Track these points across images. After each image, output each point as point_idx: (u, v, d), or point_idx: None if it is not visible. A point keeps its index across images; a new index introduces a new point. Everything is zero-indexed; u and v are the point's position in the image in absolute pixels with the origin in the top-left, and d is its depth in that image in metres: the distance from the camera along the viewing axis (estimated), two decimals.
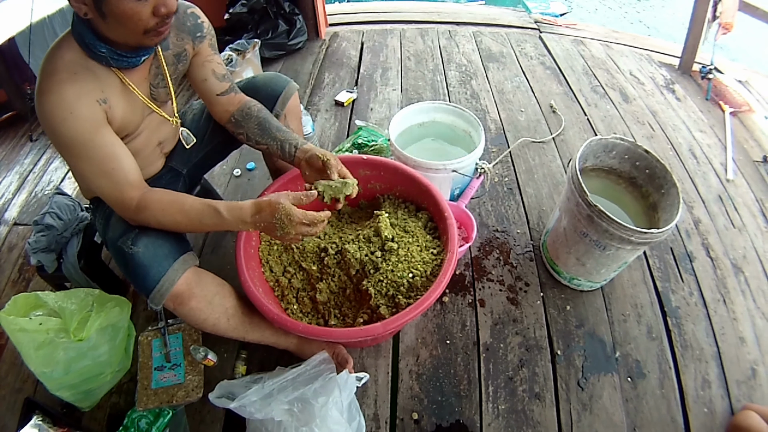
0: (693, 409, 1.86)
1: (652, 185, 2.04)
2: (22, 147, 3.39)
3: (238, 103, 1.82)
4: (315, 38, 4.31)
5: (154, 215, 1.46)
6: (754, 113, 3.42)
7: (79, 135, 1.33)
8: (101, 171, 1.40)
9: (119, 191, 1.43)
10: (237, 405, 1.55)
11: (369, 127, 3.04)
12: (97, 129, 1.37)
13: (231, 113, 1.81)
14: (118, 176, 1.42)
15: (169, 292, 1.46)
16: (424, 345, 2.03)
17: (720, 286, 2.27)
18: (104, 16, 1.23)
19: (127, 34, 1.30)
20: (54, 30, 3.37)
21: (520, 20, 4.82)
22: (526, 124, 3.26)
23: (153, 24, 1.28)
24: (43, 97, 1.29)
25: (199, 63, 1.71)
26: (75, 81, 1.31)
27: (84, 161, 1.38)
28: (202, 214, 1.48)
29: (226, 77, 1.79)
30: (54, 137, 1.34)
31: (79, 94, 1.31)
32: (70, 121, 1.30)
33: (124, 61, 1.40)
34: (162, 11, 1.26)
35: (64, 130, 1.31)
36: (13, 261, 2.52)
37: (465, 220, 2.25)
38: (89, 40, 1.31)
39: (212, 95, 1.77)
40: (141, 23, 1.26)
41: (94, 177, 1.41)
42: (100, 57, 1.35)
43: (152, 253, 1.47)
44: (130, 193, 1.44)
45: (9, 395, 1.97)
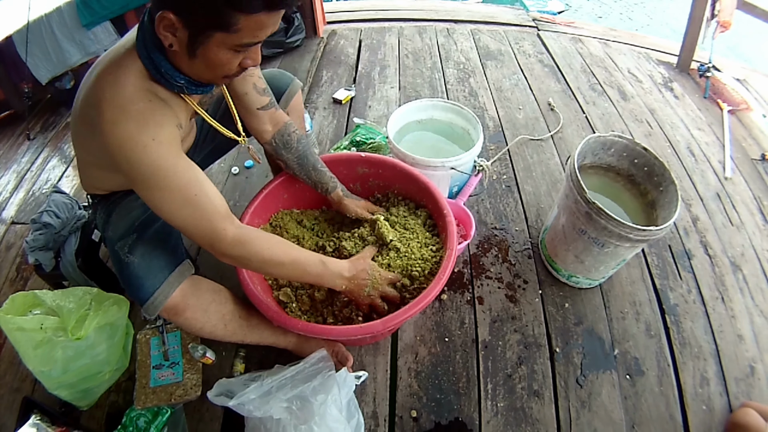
0: (691, 406, 1.86)
1: (650, 183, 2.04)
2: (20, 146, 3.38)
3: (277, 122, 1.81)
4: (313, 36, 4.30)
5: (256, 252, 1.42)
6: (752, 111, 3.42)
7: (163, 162, 1.25)
8: (185, 199, 1.31)
9: (208, 220, 1.34)
10: (236, 403, 1.55)
11: (367, 125, 3.04)
12: (179, 154, 1.31)
13: (272, 135, 1.81)
14: (204, 203, 1.33)
15: (163, 305, 1.45)
16: (423, 343, 2.03)
17: (718, 284, 2.27)
18: (194, 56, 1.20)
19: (206, 75, 1.29)
20: (51, 29, 3.37)
21: (518, 18, 4.82)
22: (524, 121, 3.26)
23: (234, 72, 1.28)
24: (118, 127, 1.20)
25: (241, 77, 1.63)
26: (153, 109, 1.26)
27: (166, 191, 1.28)
28: (308, 262, 1.53)
29: (267, 91, 1.75)
30: (131, 168, 1.24)
31: (160, 121, 1.27)
32: (153, 147, 1.23)
33: (199, 90, 1.39)
34: (249, 63, 1.27)
35: (146, 158, 1.22)
36: (11, 260, 2.51)
37: (463, 218, 2.25)
38: (166, 70, 1.26)
39: (252, 109, 1.73)
40: (227, 70, 1.26)
41: (178, 207, 1.31)
42: (173, 86, 1.32)
43: (147, 264, 1.47)
44: (222, 223, 1.36)
45: (7, 394, 1.97)
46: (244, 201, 2.67)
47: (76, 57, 3.54)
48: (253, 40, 1.19)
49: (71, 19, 3.42)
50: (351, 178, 2.11)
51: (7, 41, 3.28)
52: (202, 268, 2.28)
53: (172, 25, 1.12)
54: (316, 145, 2.97)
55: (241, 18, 1.10)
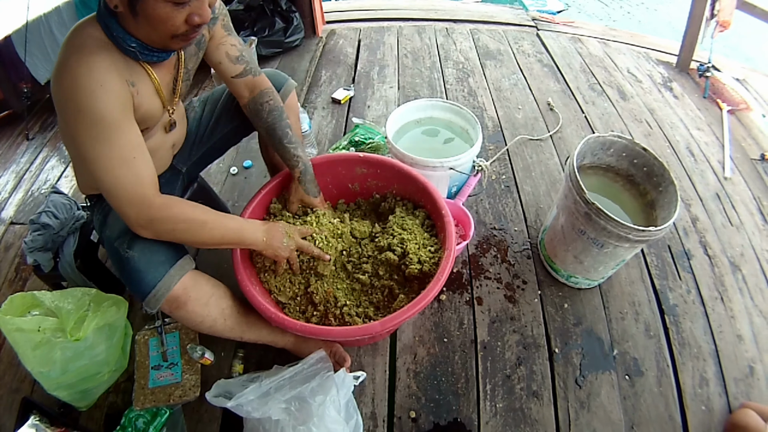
0: (691, 406, 1.86)
1: (649, 183, 2.04)
2: (19, 146, 3.37)
3: (254, 88, 1.78)
4: (312, 36, 4.30)
5: (182, 211, 1.44)
6: (751, 111, 3.42)
7: (108, 112, 1.24)
8: (123, 159, 1.30)
9: (141, 185, 1.34)
10: (234, 404, 1.55)
11: (366, 125, 3.05)
12: (125, 110, 1.30)
13: (246, 101, 1.79)
14: (140, 169, 1.33)
15: (164, 297, 1.45)
16: (422, 343, 2.03)
17: (718, 284, 2.27)
18: (136, 14, 1.19)
19: (154, 36, 1.27)
20: (50, 29, 3.37)
21: (517, 18, 4.82)
22: (523, 121, 3.26)
23: (183, 30, 1.26)
24: (69, 70, 1.20)
25: (213, 46, 1.65)
26: (107, 56, 1.25)
27: (106, 144, 1.27)
28: (227, 218, 1.58)
29: (240, 59, 1.72)
30: (77, 113, 1.22)
31: (111, 67, 1.25)
32: (100, 93, 1.21)
33: (153, 56, 1.37)
34: (195, 20, 1.24)
35: (92, 105, 1.21)
36: (10, 260, 2.51)
37: (462, 218, 2.25)
38: (118, 33, 1.26)
39: (228, 78, 1.74)
40: (172, 28, 1.24)
41: (115, 165, 1.29)
42: (127, 50, 1.30)
43: (148, 258, 1.46)
44: (152, 189, 1.37)
45: (6, 395, 1.96)
46: (243, 201, 2.67)
47: None
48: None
49: (70, 18, 3.42)
50: (349, 178, 2.11)
51: (5, 41, 3.28)
52: (201, 267, 2.25)
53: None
54: (314, 146, 2.96)
55: None
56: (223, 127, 1.89)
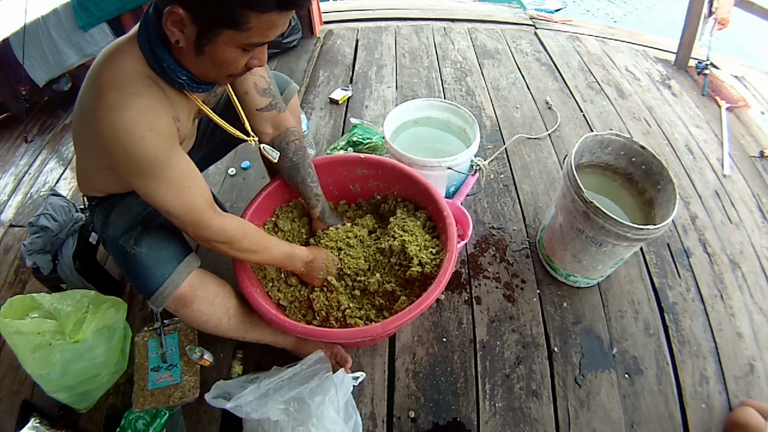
0: (691, 405, 1.86)
1: (648, 181, 2.04)
2: (17, 148, 3.38)
3: (279, 126, 1.78)
4: (310, 36, 4.30)
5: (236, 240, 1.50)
6: (750, 108, 3.42)
7: (159, 153, 1.24)
8: (177, 190, 1.32)
9: (198, 210, 1.37)
10: (233, 405, 1.55)
11: (364, 125, 3.04)
12: (174, 146, 1.30)
13: (270, 138, 1.78)
14: (194, 195, 1.36)
15: (172, 295, 1.45)
16: (421, 343, 2.03)
17: (717, 282, 2.27)
18: (201, 54, 1.18)
19: (211, 73, 1.27)
20: (48, 31, 3.37)
21: (515, 16, 4.82)
22: (521, 120, 3.26)
23: (240, 71, 1.26)
24: (114, 112, 1.16)
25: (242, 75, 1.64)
26: (151, 96, 1.23)
27: (159, 181, 1.28)
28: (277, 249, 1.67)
29: (268, 92, 1.70)
30: (126, 156, 1.21)
31: (158, 109, 1.24)
32: (151, 138, 1.20)
33: (201, 88, 1.36)
34: (255, 63, 1.25)
35: (143, 149, 1.20)
36: (9, 263, 2.51)
37: (461, 218, 2.25)
38: (169, 65, 1.24)
39: (252, 110, 1.70)
40: (233, 70, 1.24)
41: (169, 197, 1.32)
42: (174, 81, 1.29)
43: (156, 255, 1.46)
44: (208, 212, 1.40)
45: (6, 398, 1.97)
46: (241, 202, 2.68)
47: (73, 59, 3.54)
48: (263, 40, 1.17)
49: (68, 21, 3.42)
50: (350, 179, 2.11)
51: (3, 44, 3.29)
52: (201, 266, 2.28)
53: (181, 20, 1.10)
54: (312, 146, 2.97)
55: (253, 16, 1.08)
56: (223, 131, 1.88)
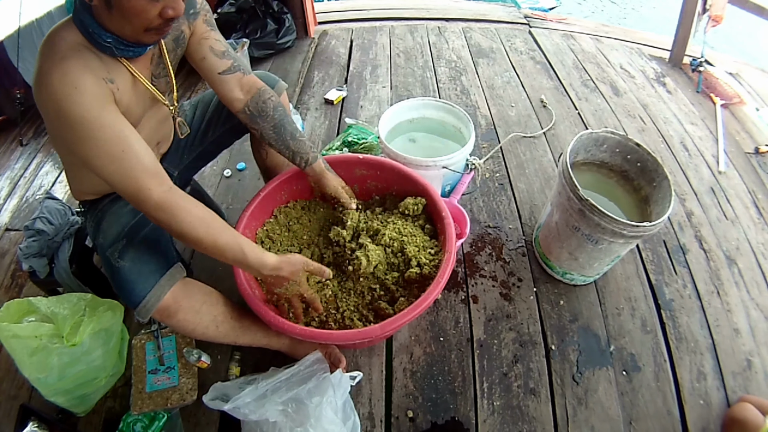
0: (689, 401, 1.87)
1: (643, 178, 2.04)
2: (13, 152, 3.37)
3: (251, 88, 1.73)
4: (304, 37, 4.30)
5: (177, 222, 1.34)
6: (745, 105, 3.43)
7: (85, 111, 1.20)
8: (110, 155, 1.26)
9: (134, 179, 1.29)
10: (231, 407, 1.55)
11: (359, 125, 3.04)
12: (103, 106, 1.25)
13: (245, 103, 1.73)
14: (131, 161, 1.28)
15: (155, 307, 1.44)
16: (418, 342, 2.03)
17: (714, 278, 2.28)
18: (110, 6, 1.18)
19: (127, 29, 1.25)
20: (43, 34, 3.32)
21: (509, 15, 4.83)
22: (516, 119, 3.27)
23: (156, 24, 1.24)
24: (44, 77, 1.19)
25: (196, 42, 1.61)
26: (79, 58, 1.23)
27: (90, 144, 1.24)
28: (227, 245, 1.44)
29: (227, 54, 1.67)
30: (57, 119, 1.21)
31: (83, 69, 1.22)
32: (75, 96, 1.18)
33: (129, 50, 1.34)
34: (169, 14, 1.22)
35: (68, 106, 1.18)
36: (5, 267, 2.50)
37: (458, 216, 2.24)
38: (93, 29, 1.24)
39: (214, 75, 1.66)
40: (145, 21, 1.22)
41: (103, 162, 1.26)
42: (104, 46, 1.28)
43: (139, 269, 1.46)
44: (148, 184, 1.30)
45: (4, 402, 1.96)
46: (237, 203, 2.67)
47: None
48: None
49: None
50: (349, 179, 2.10)
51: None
52: (196, 271, 2.28)
53: None
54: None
55: None
56: (215, 130, 1.87)
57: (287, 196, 2.03)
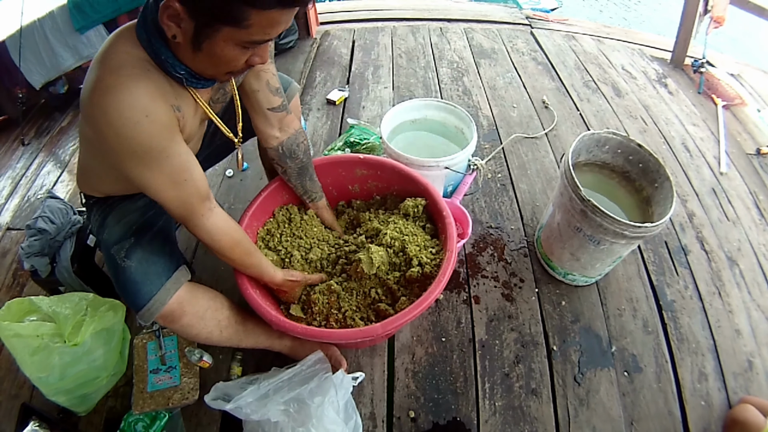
0: (690, 402, 1.87)
1: (645, 179, 2.04)
2: (14, 151, 3.37)
3: (287, 129, 1.75)
4: (306, 37, 4.30)
5: (217, 243, 1.47)
6: (746, 106, 3.43)
7: (155, 141, 1.19)
8: (173, 182, 1.28)
9: (191, 205, 1.35)
10: (233, 406, 1.55)
11: (361, 126, 3.04)
12: (172, 136, 1.25)
13: (280, 142, 1.75)
14: (190, 189, 1.32)
15: (159, 311, 1.43)
16: (420, 343, 2.03)
17: (715, 279, 2.28)
18: (198, 50, 1.13)
19: (209, 70, 1.23)
20: (45, 34, 3.36)
21: (511, 16, 4.83)
22: (518, 119, 3.27)
23: (239, 69, 1.22)
24: (108, 95, 1.11)
25: (255, 72, 1.56)
26: (149, 79, 1.17)
27: (155, 172, 1.24)
28: (251, 268, 1.63)
29: (279, 92, 1.67)
30: (119, 141, 1.15)
31: (155, 95, 1.17)
32: (146, 124, 1.14)
33: (200, 83, 1.31)
34: (256, 61, 1.21)
35: (137, 136, 1.14)
36: (6, 266, 2.51)
37: (460, 216, 2.24)
38: (166, 57, 1.18)
39: (262, 109, 1.66)
40: (233, 67, 1.20)
41: (164, 188, 1.28)
42: (172, 75, 1.23)
43: (145, 270, 1.44)
44: (201, 209, 1.38)
45: (5, 401, 1.96)
46: (239, 203, 2.67)
47: (70, 61, 3.53)
48: (264, 38, 1.12)
49: (64, 23, 3.41)
50: (350, 179, 2.10)
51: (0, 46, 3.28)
52: (198, 271, 2.28)
53: (178, 15, 1.05)
54: (310, 147, 2.97)
55: (253, 13, 1.03)
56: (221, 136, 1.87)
57: (288, 197, 2.03)
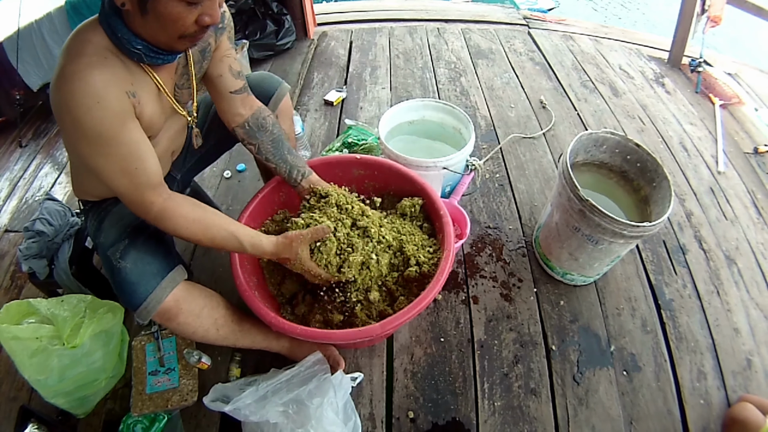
0: (689, 400, 1.87)
1: (643, 179, 2.04)
2: (12, 153, 3.36)
3: (251, 107, 1.75)
4: (303, 38, 4.29)
5: (174, 228, 1.41)
6: (743, 105, 3.44)
7: (105, 128, 1.21)
8: (123, 170, 1.29)
9: (140, 193, 1.34)
10: (232, 408, 1.55)
11: (359, 126, 3.04)
12: (124, 123, 1.26)
13: (245, 119, 1.75)
14: (140, 178, 1.32)
15: (155, 310, 1.44)
16: (419, 343, 2.03)
17: (713, 278, 2.28)
18: (145, 12, 1.15)
19: (161, 36, 1.23)
20: (42, 36, 3.36)
21: (508, 16, 4.83)
22: (516, 120, 3.27)
23: (192, 31, 1.22)
24: (67, 82, 1.15)
25: (218, 57, 1.60)
26: (105, 66, 1.20)
27: (105, 158, 1.26)
28: (225, 241, 1.51)
29: (241, 75, 1.69)
30: (74, 128, 1.20)
31: (108, 82, 1.19)
32: (97, 111, 1.17)
33: (159, 58, 1.31)
34: (206, 21, 1.21)
35: (89, 121, 1.17)
36: (4, 268, 2.50)
37: (458, 217, 2.25)
38: (122, 34, 1.21)
39: (225, 92, 1.67)
40: (182, 28, 1.20)
41: (114, 175, 1.29)
42: (132, 53, 1.25)
43: (140, 270, 1.45)
44: (151, 197, 1.36)
45: (4, 404, 1.96)
46: (237, 204, 2.67)
47: None
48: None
49: (61, 25, 3.40)
50: (346, 180, 2.10)
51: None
52: (196, 273, 2.28)
53: None
54: (308, 148, 2.97)
55: None
56: (217, 133, 1.87)
57: (285, 197, 2.03)
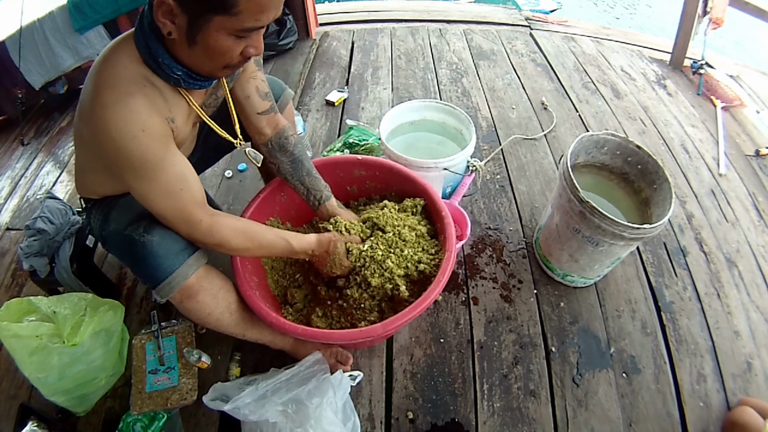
0: (689, 403, 1.86)
1: (644, 180, 2.04)
2: (14, 151, 3.37)
3: (276, 126, 1.77)
4: (305, 38, 4.29)
5: (224, 240, 1.46)
6: (745, 107, 3.43)
7: (151, 155, 1.24)
8: (168, 192, 1.32)
9: (188, 213, 1.38)
10: (231, 407, 1.55)
11: (360, 127, 3.04)
12: (168, 148, 1.30)
13: (268, 138, 1.77)
14: (186, 198, 1.36)
15: (179, 285, 1.44)
16: (418, 344, 2.03)
17: (714, 281, 2.28)
18: (193, 44, 1.17)
19: (206, 65, 1.26)
20: (44, 34, 3.36)
21: (510, 18, 4.82)
22: (517, 121, 3.27)
23: (236, 62, 1.25)
24: (107, 110, 1.17)
25: (245, 79, 1.62)
26: (145, 95, 1.22)
27: (149, 182, 1.29)
28: (273, 244, 1.61)
29: (269, 96, 1.72)
30: (117, 155, 1.22)
31: (150, 110, 1.23)
32: (142, 138, 1.20)
33: (197, 84, 1.34)
34: (251, 52, 1.23)
35: (134, 149, 1.20)
36: (5, 266, 2.51)
37: (459, 218, 2.25)
38: (164, 60, 1.23)
39: (252, 114, 1.70)
40: (228, 59, 1.22)
41: (159, 198, 1.33)
42: (170, 77, 1.28)
43: (168, 246, 1.44)
44: (199, 215, 1.40)
45: (4, 401, 1.96)
46: (238, 204, 2.68)
47: (69, 62, 3.53)
48: (255, 24, 1.15)
49: (64, 24, 3.41)
50: (348, 180, 2.10)
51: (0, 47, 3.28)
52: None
53: (171, 11, 1.10)
54: (309, 148, 2.97)
55: (242, 0, 1.07)
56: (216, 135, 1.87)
57: (287, 197, 2.03)
